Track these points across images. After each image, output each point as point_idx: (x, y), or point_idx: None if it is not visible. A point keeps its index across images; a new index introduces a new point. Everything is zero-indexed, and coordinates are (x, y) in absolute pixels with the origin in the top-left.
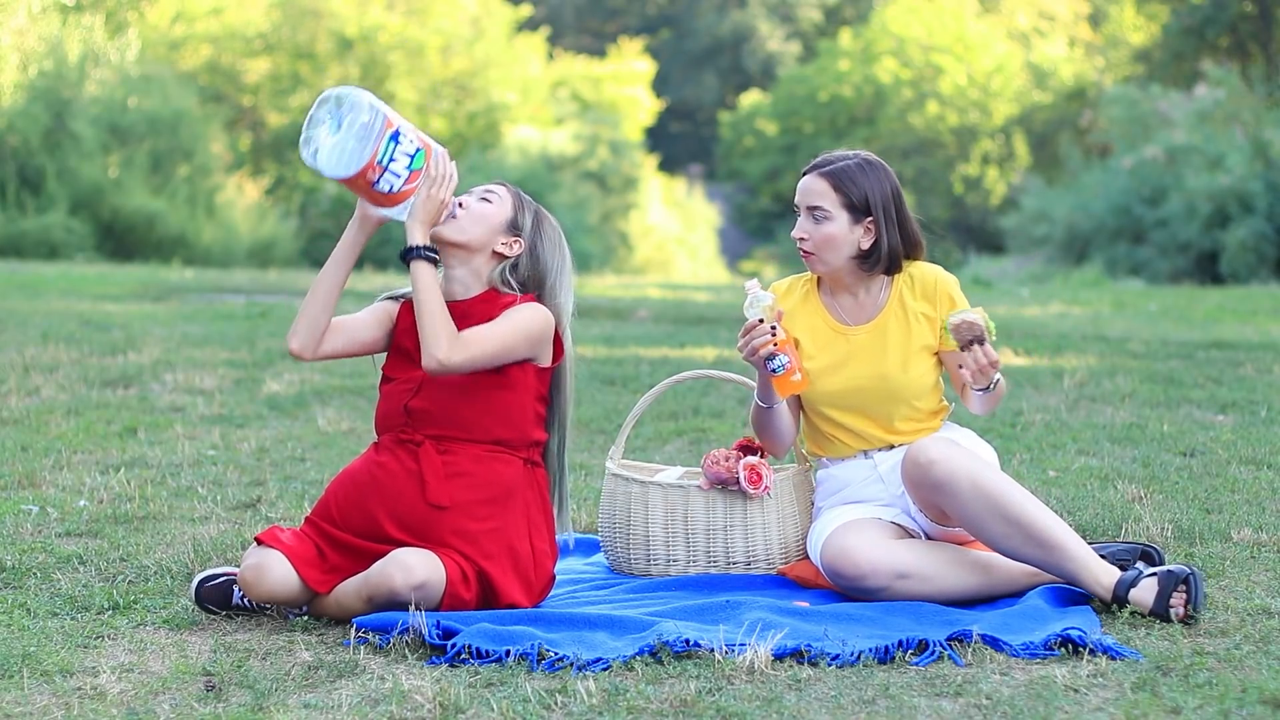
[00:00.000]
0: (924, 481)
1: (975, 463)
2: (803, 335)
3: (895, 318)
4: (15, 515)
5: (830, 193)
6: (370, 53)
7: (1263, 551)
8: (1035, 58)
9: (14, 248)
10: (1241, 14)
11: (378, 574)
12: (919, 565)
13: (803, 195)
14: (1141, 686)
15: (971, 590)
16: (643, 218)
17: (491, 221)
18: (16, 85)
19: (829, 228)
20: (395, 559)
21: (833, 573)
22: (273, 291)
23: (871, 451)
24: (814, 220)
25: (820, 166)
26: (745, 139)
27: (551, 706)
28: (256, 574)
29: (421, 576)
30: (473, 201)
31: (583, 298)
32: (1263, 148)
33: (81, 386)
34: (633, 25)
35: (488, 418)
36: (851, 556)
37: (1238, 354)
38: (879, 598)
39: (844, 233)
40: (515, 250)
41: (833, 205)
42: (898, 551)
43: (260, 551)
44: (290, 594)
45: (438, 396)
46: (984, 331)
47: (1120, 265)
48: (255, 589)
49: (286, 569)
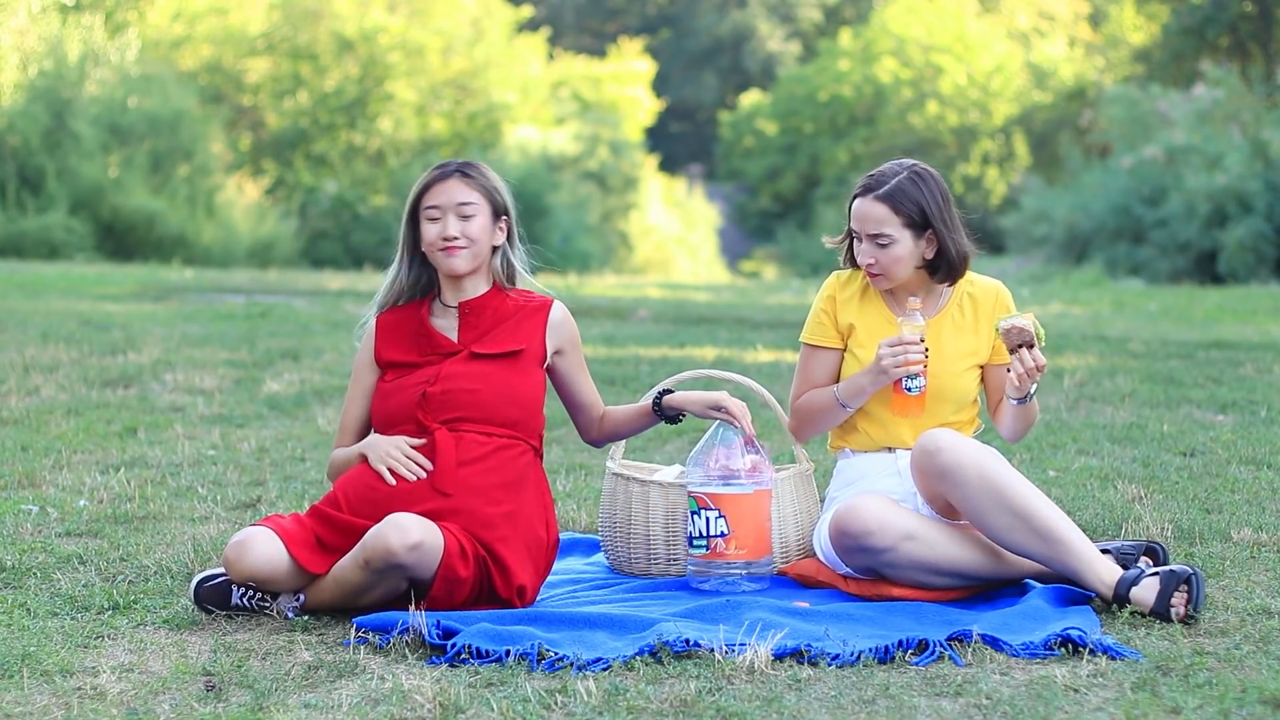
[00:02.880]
0: (931, 469)
1: (983, 453)
2: (860, 326)
3: (952, 321)
4: (15, 515)
5: (891, 217)
6: (370, 53)
7: (1263, 551)
8: (1035, 58)
9: (14, 248)
10: (1241, 14)
11: (374, 536)
12: (926, 530)
13: (862, 223)
14: (1141, 686)
15: (976, 566)
16: (643, 218)
17: (485, 233)
18: (16, 85)
19: (895, 250)
20: (391, 521)
21: (839, 532)
22: (273, 291)
23: (896, 449)
24: (878, 246)
25: (874, 189)
26: (745, 139)
27: (551, 706)
28: (239, 550)
29: (417, 537)
30: (464, 226)
31: (583, 297)
32: (1262, 147)
33: (81, 386)
34: (633, 25)
35: (504, 402)
36: (859, 514)
37: (1238, 354)
38: (883, 560)
39: (909, 251)
40: (504, 231)
41: (894, 229)
42: (907, 515)
43: (247, 529)
44: (273, 572)
45: (457, 382)
46: (1033, 336)
47: (1120, 265)
48: (235, 565)
49: (273, 546)
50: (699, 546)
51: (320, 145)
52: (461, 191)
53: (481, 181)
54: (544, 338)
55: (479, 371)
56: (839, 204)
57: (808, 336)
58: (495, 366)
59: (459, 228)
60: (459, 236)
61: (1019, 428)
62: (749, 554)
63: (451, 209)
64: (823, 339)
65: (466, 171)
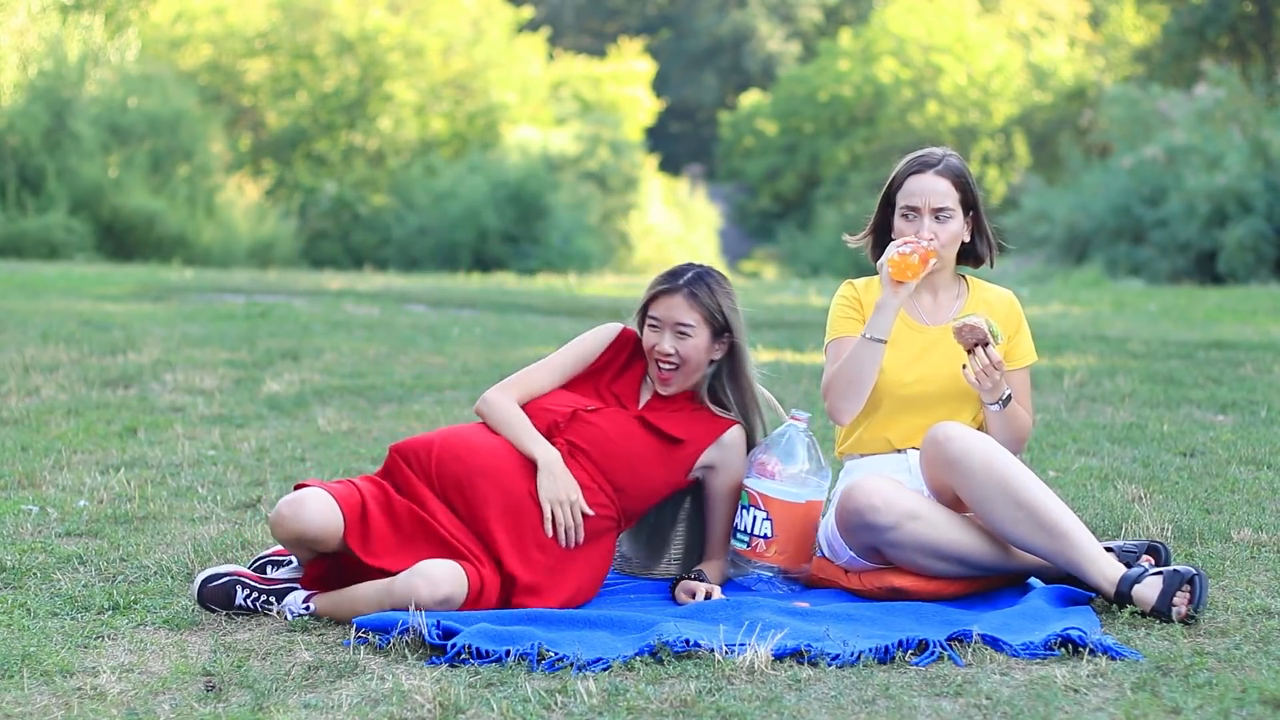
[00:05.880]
0: (939, 457)
1: (990, 444)
2: None
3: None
4: (15, 515)
5: (953, 192)
6: (370, 53)
7: (1263, 551)
8: (1035, 58)
9: (14, 248)
10: (1241, 14)
11: (402, 586)
12: (930, 511)
13: (927, 197)
14: (1141, 686)
15: (978, 553)
16: (643, 218)
17: (699, 352)
18: (16, 85)
19: (953, 226)
20: (420, 572)
21: (844, 510)
22: (273, 291)
23: (906, 449)
24: (939, 220)
25: (933, 165)
26: (745, 139)
27: (551, 706)
28: (294, 507)
29: (446, 591)
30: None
31: (583, 297)
32: (1262, 147)
33: (81, 386)
34: (633, 25)
35: (627, 467)
36: (865, 489)
37: (1238, 354)
38: (886, 539)
39: (960, 228)
40: (724, 348)
41: (954, 203)
42: (912, 495)
43: (300, 491)
44: (325, 530)
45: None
46: (987, 334)
47: (1120, 265)
48: (289, 523)
49: (327, 504)
50: (741, 540)
51: (320, 145)
52: (683, 311)
53: (705, 301)
54: (708, 445)
55: (631, 432)
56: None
57: (837, 331)
58: (649, 439)
59: (673, 345)
60: (673, 353)
61: (1006, 437)
62: (787, 561)
63: (669, 326)
64: (852, 330)
65: (694, 291)
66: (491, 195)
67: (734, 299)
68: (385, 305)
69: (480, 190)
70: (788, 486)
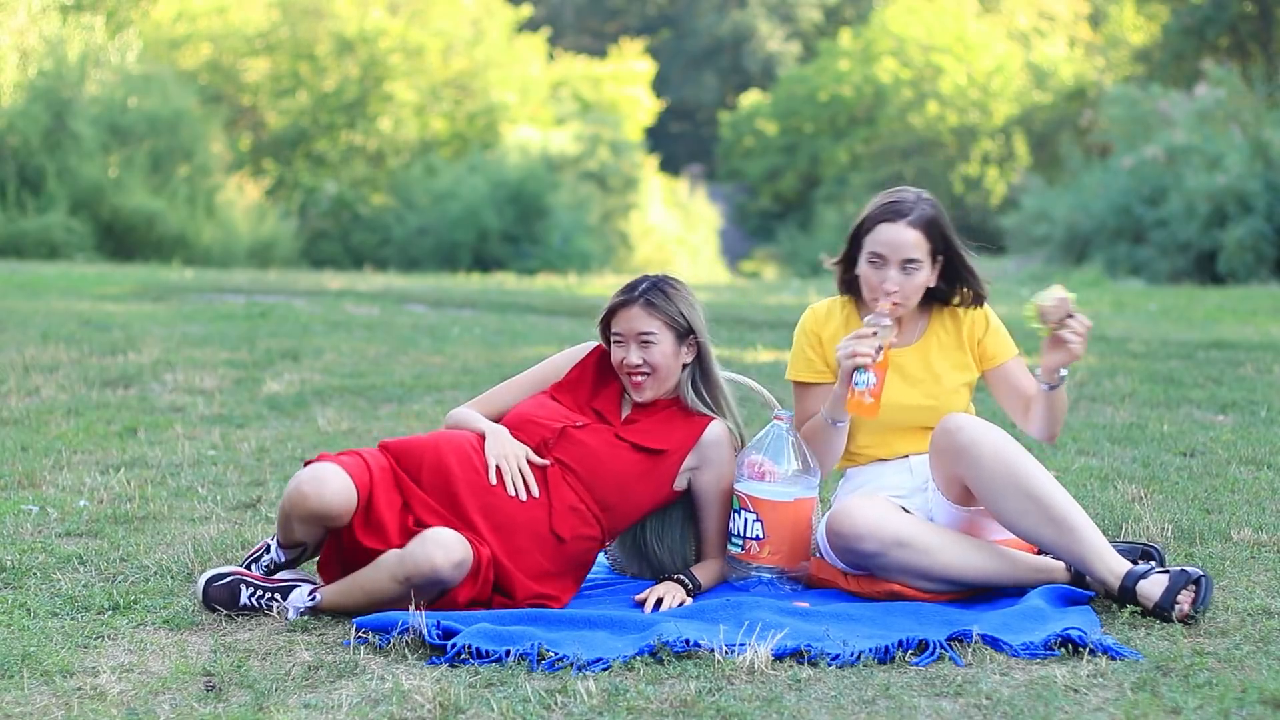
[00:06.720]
0: (949, 447)
1: (1000, 435)
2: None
3: (938, 342)
4: (15, 515)
5: (924, 243)
6: (370, 53)
7: (1263, 551)
8: (1035, 58)
9: (14, 248)
10: (1241, 14)
11: (417, 552)
12: (921, 536)
13: (895, 249)
14: (1141, 686)
15: (973, 571)
16: (643, 218)
17: (668, 357)
18: (16, 85)
19: (919, 277)
20: (432, 539)
21: (832, 533)
22: (273, 291)
23: (910, 455)
24: (905, 273)
25: (903, 214)
26: (745, 139)
27: (551, 706)
28: (317, 486)
29: (459, 555)
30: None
31: (583, 297)
32: (1262, 148)
33: (81, 386)
34: (633, 25)
35: (614, 486)
36: (852, 516)
37: (1238, 354)
38: (875, 564)
39: (926, 277)
40: (693, 349)
41: (923, 254)
42: (900, 520)
43: (315, 466)
44: (345, 510)
45: (591, 447)
46: (1070, 305)
47: (1120, 265)
48: (311, 502)
49: (346, 483)
50: (735, 544)
51: (320, 145)
52: (642, 321)
53: (664, 307)
54: (689, 449)
55: (617, 450)
56: (839, 204)
57: (796, 374)
58: (634, 455)
59: (640, 356)
60: (641, 363)
61: (1053, 418)
62: (782, 561)
63: (632, 338)
64: (811, 374)
65: (651, 299)
66: (491, 195)
67: (692, 301)
68: (385, 305)
69: (480, 190)
70: (776, 486)
